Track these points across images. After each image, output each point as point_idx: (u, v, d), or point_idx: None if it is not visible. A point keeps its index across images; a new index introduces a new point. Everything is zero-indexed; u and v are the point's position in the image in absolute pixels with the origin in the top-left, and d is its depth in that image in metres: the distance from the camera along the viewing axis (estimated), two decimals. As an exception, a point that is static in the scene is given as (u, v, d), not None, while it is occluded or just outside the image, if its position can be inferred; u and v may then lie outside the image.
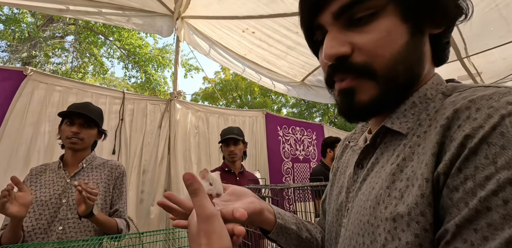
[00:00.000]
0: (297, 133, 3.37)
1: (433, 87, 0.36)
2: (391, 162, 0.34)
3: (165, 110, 2.31)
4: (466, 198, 0.25)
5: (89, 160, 1.21)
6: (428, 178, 0.28)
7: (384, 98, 0.34)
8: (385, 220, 0.31)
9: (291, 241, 0.47)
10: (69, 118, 1.15)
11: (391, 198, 0.32)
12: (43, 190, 1.09)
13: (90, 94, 2.00)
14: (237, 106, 14.21)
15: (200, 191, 0.33)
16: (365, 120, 0.39)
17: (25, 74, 1.77)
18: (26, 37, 7.64)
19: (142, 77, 9.46)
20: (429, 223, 0.27)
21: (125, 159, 2.03)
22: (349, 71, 0.34)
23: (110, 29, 8.49)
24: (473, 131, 0.26)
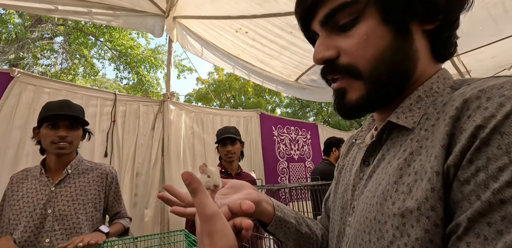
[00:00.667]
0: (291, 133, 3.37)
1: (439, 80, 0.36)
2: (398, 157, 0.34)
3: (158, 111, 2.28)
4: (478, 191, 0.24)
5: (74, 165, 1.12)
6: (439, 171, 0.27)
7: (372, 96, 0.36)
8: (393, 216, 0.30)
9: (290, 235, 0.46)
10: (51, 121, 1.04)
11: (398, 193, 0.31)
12: (25, 199, 1.01)
13: (80, 95, 1.95)
14: (231, 107, 14.17)
15: (200, 190, 0.32)
16: (358, 117, 0.39)
17: (12, 76, 1.71)
18: (14, 38, 7.45)
19: (134, 79, 9.33)
20: (440, 218, 0.27)
21: (118, 162, 1.99)
22: (336, 72, 0.37)
23: (101, 29, 8.35)
24: (485, 121, 0.25)
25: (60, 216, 1.01)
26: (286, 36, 2.49)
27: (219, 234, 0.30)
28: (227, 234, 0.30)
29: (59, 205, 1.03)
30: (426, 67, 0.36)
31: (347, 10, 0.34)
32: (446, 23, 0.35)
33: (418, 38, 0.35)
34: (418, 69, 0.36)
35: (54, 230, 0.99)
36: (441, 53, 0.37)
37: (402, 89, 0.36)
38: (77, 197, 1.06)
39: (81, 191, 1.08)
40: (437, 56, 0.37)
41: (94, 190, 1.11)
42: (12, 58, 6.92)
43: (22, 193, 1.03)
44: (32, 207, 1.00)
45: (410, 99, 0.36)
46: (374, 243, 0.32)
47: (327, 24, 0.36)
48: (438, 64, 0.38)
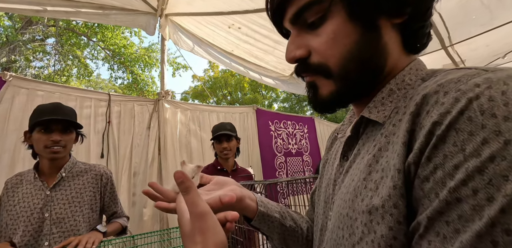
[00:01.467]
0: (288, 127, 3.38)
1: (411, 72, 0.35)
2: (369, 152, 0.34)
3: (153, 110, 2.28)
4: (437, 189, 0.24)
5: (68, 167, 1.11)
6: (400, 168, 0.28)
7: (342, 92, 0.36)
8: (362, 213, 0.31)
9: (274, 229, 0.48)
10: (43, 125, 1.02)
11: (367, 190, 0.31)
12: (22, 204, 1.01)
13: (74, 97, 1.94)
14: (228, 103, 14.14)
15: (192, 189, 0.33)
16: (332, 111, 0.39)
17: (4, 79, 1.70)
18: (4, 41, 7.34)
19: (128, 78, 9.25)
20: (403, 215, 0.27)
21: (114, 162, 1.99)
22: (308, 71, 0.37)
23: (93, 29, 8.24)
24: (441, 117, 0.25)
25: (57, 219, 1.01)
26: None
27: (211, 231, 0.31)
28: (218, 231, 0.32)
29: (55, 208, 1.03)
30: (398, 60, 0.36)
31: (314, 8, 0.34)
32: (416, 15, 0.35)
33: (387, 32, 0.35)
34: (389, 62, 0.35)
35: (52, 233, 1.00)
36: (413, 45, 0.37)
37: (374, 84, 0.36)
38: (73, 200, 1.06)
39: (76, 194, 1.08)
40: (409, 48, 0.37)
41: (89, 191, 1.11)
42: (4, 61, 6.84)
43: (18, 198, 1.03)
44: (29, 211, 1.00)
45: (382, 93, 0.36)
46: (346, 239, 0.33)
47: (296, 22, 0.37)
48: (411, 56, 0.38)
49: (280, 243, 0.50)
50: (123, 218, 1.20)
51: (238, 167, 1.81)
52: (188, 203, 0.33)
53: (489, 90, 0.23)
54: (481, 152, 0.22)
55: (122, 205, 1.26)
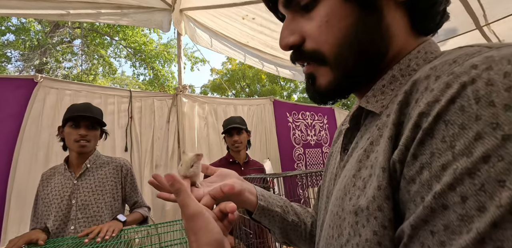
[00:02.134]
0: (307, 118, 3.33)
1: (419, 56, 0.30)
2: (361, 146, 0.31)
3: (172, 105, 2.35)
4: (423, 192, 0.21)
5: (92, 159, 1.23)
6: (385, 166, 0.24)
7: (340, 81, 0.33)
8: (349, 213, 0.28)
9: (274, 223, 0.47)
10: (74, 121, 1.16)
11: (355, 189, 0.29)
12: (54, 192, 1.15)
13: (98, 95, 2.05)
14: (246, 95, 14.15)
15: (182, 191, 0.33)
16: (330, 102, 0.36)
17: (36, 81, 1.83)
18: (36, 45, 7.87)
19: (150, 74, 9.57)
20: (388, 218, 0.24)
21: (137, 155, 2.10)
22: (302, 58, 0.35)
23: (115, 29, 8.55)
24: (428, 107, 0.21)
25: (82, 205, 1.13)
26: (293, 18, 2.40)
27: (203, 231, 0.32)
28: (210, 230, 0.33)
29: (81, 196, 1.15)
30: (405, 43, 0.32)
31: None
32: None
33: (390, 12, 0.30)
34: (394, 46, 0.31)
35: (77, 218, 1.12)
36: (423, 25, 0.32)
37: (375, 71, 0.33)
38: (96, 188, 1.18)
39: (99, 183, 1.19)
40: (419, 29, 0.32)
41: (111, 181, 1.22)
42: (37, 63, 7.36)
43: (50, 188, 1.17)
44: (59, 199, 1.13)
45: (383, 80, 0.32)
46: (335, 239, 0.31)
47: (289, 5, 0.34)
48: (421, 37, 0.33)
49: (282, 237, 0.50)
50: (144, 208, 1.29)
51: (250, 159, 1.84)
52: (180, 204, 0.34)
53: (488, 72, 0.19)
54: (473, 150, 0.18)
55: (146, 196, 1.35)
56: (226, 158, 1.78)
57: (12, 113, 1.74)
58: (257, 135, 2.82)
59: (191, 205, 0.33)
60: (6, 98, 1.74)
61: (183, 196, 0.33)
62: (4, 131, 1.68)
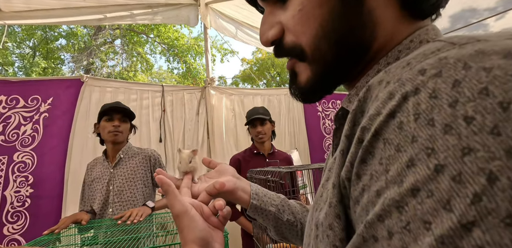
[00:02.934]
0: (337, 107, 3.21)
1: (411, 46, 0.25)
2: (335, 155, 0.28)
3: (200, 97, 2.45)
4: (362, 217, 0.18)
5: (125, 151, 1.38)
6: (335, 183, 0.22)
7: (319, 77, 0.29)
8: (314, 225, 0.27)
9: (268, 222, 0.48)
10: (108, 115, 1.31)
11: (322, 200, 0.27)
12: (97, 180, 1.32)
13: (135, 91, 2.23)
14: (277, 84, 14.00)
15: (169, 191, 0.37)
16: (315, 100, 0.32)
17: (82, 81, 2.06)
18: (83, 47, 8.68)
19: (183, 68, 9.98)
20: (339, 238, 0.22)
21: (171, 145, 2.26)
22: (283, 54, 0.31)
23: (149, 27, 9.01)
24: (369, 121, 0.19)
25: (118, 191, 1.29)
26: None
27: (187, 228, 0.35)
28: (194, 228, 0.35)
29: (116, 182, 1.31)
30: (395, 29, 0.26)
31: None
32: None
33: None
34: (381, 34, 0.26)
35: (114, 202, 1.28)
36: (415, 6, 0.26)
37: (359, 63, 0.28)
38: (129, 176, 1.32)
39: (131, 171, 1.34)
40: (412, 12, 0.26)
41: (141, 170, 1.36)
42: (85, 64, 8.15)
43: (93, 176, 1.35)
44: (101, 185, 1.30)
45: (368, 76, 0.28)
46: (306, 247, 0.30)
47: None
48: (418, 22, 0.27)
49: (277, 234, 0.50)
50: None
51: (275, 150, 1.80)
52: (168, 204, 0.37)
53: (435, 79, 0.16)
54: (404, 179, 0.15)
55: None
56: (250, 149, 1.77)
57: (65, 110, 1.99)
58: (286, 125, 2.82)
59: (176, 205, 0.36)
60: (59, 96, 1.99)
61: (170, 197, 0.37)
62: (60, 126, 1.94)
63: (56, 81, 2.04)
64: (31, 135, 1.88)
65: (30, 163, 1.82)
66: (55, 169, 1.86)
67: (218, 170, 0.48)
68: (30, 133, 1.87)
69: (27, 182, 1.78)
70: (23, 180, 1.77)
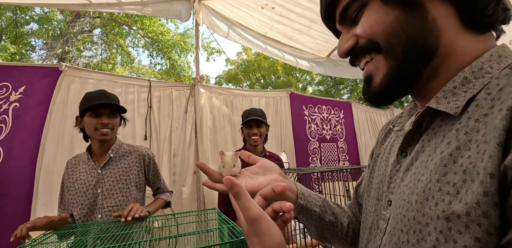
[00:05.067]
0: (323, 112, 3.27)
1: (492, 59, 0.31)
2: (440, 150, 0.31)
3: (189, 95, 2.37)
4: None
5: (115, 149, 1.22)
6: (493, 173, 0.24)
7: (393, 75, 0.34)
8: (436, 219, 0.28)
9: (311, 222, 0.48)
10: (93, 110, 1.12)
11: (443, 194, 0.28)
12: (79, 181, 1.15)
13: (119, 84, 2.10)
14: (261, 87, 14.07)
15: (242, 194, 0.33)
16: (388, 103, 0.37)
17: (60, 70, 1.89)
18: (59, 34, 8.09)
19: (166, 64, 9.66)
20: (494, 225, 0.24)
21: (156, 144, 2.15)
22: (359, 53, 0.37)
23: (133, 18, 8.63)
24: None
25: (108, 194, 1.14)
26: (315, 8, 2.32)
27: (266, 233, 0.32)
28: (273, 233, 0.33)
29: (106, 185, 1.15)
30: (458, 39, 0.32)
31: (354, 5, 0.36)
32: None
33: (435, 6, 0.31)
34: (444, 41, 0.32)
35: (103, 207, 1.13)
36: (472, 18, 0.31)
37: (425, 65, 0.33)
38: (121, 178, 1.18)
39: (123, 172, 1.19)
40: (469, 23, 0.32)
41: (134, 170, 1.22)
42: (59, 52, 7.60)
43: (76, 176, 1.17)
44: (85, 187, 1.14)
45: (455, 82, 0.32)
46: (413, 244, 0.30)
47: (343, 21, 0.39)
48: (480, 35, 0.32)
49: (318, 235, 0.50)
50: (166, 193, 1.32)
51: (267, 153, 1.76)
52: (240, 208, 0.33)
53: None
54: None
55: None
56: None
57: (39, 100, 1.81)
58: (273, 128, 2.81)
59: (252, 209, 0.33)
60: (34, 85, 1.81)
61: (244, 199, 0.33)
62: (33, 117, 1.77)
63: (30, 68, 1.86)
64: (-3, 126, 1.69)
65: (-5, 157, 1.63)
66: (25, 165, 1.68)
67: (261, 167, 0.45)
68: (-4, 124, 1.69)
69: (-10, 178, 1.59)
70: (-15, 176, 1.59)
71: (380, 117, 3.89)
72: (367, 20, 0.35)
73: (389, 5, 0.33)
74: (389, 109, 4.10)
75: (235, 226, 0.76)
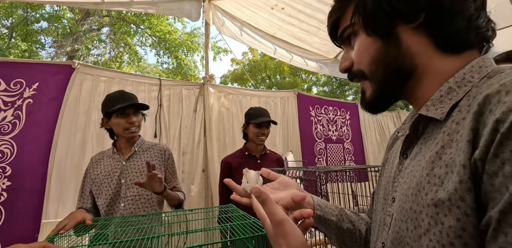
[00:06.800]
0: (329, 113, 3.27)
1: (473, 70, 0.36)
2: (430, 150, 0.36)
3: (199, 94, 2.38)
4: (507, 183, 0.25)
5: (139, 144, 1.32)
6: (465, 164, 0.29)
7: (378, 92, 0.42)
8: (427, 206, 0.33)
9: (330, 230, 0.53)
10: (120, 111, 1.21)
11: (431, 185, 0.33)
12: (104, 173, 1.22)
13: (130, 82, 2.12)
14: (267, 87, 14.07)
15: (268, 200, 0.39)
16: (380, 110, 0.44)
17: (73, 67, 1.92)
18: (68, 32, 8.20)
19: (173, 63, 9.72)
20: (470, 207, 0.29)
21: (166, 142, 2.17)
22: (353, 77, 0.45)
23: (141, 17, 8.70)
24: (503, 115, 0.27)
25: (131, 185, 1.20)
26: (325, 8, 2.32)
27: (290, 234, 0.38)
28: (296, 234, 0.38)
29: (129, 176, 1.22)
30: (433, 60, 0.38)
31: (347, 31, 0.44)
32: (434, 15, 0.36)
33: (408, 36, 0.38)
34: (420, 63, 0.38)
35: (126, 196, 1.19)
36: (449, 42, 0.37)
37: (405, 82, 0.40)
38: (143, 169, 1.24)
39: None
40: (446, 48, 0.37)
41: (156, 163, 1.29)
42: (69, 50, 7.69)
43: (100, 169, 1.24)
44: (109, 178, 1.21)
45: (441, 91, 0.37)
46: (411, 231, 0.35)
47: (343, 42, 0.47)
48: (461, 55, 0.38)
49: (338, 242, 0.54)
50: (180, 192, 1.36)
51: (267, 151, 1.79)
52: (267, 212, 0.39)
53: None
54: None
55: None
56: (242, 150, 1.74)
57: (52, 97, 1.84)
58: (280, 128, 2.82)
59: (278, 213, 0.38)
60: (47, 82, 1.84)
61: (270, 205, 0.39)
62: (46, 113, 1.80)
63: (43, 65, 1.89)
64: (12, 122, 1.72)
65: (9, 152, 1.66)
66: (38, 161, 1.71)
67: (281, 182, 0.52)
68: (11, 120, 1.72)
69: (4, 173, 1.62)
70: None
71: (386, 119, 3.87)
72: (356, 48, 0.43)
73: (371, 37, 0.40)
74: (395, 111, 4.07)
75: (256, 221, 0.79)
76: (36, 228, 1.62)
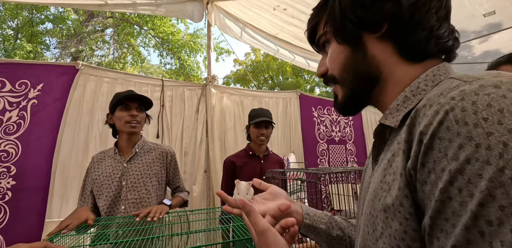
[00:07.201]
0: (332, 114, 3.26)
1: (427, 79, 0.37)
2: (386, 157, 0.38)
3: (201, 95, 2.39)
4: (433, 190, 0.27)
5: (140, 145, 1.30)
6: (402, 173, 0.32)
7: (348, 96, 0.45)
8: (380, 211, 0.35)
9: (320, 238, 0.54)
10: (123, 104, 1.21)
11: (382, 191, 0.36)
12: (105, 174, 1.21)
13: (133, 83, 2.14)
14: (269, 88, 14.07)
15: (252, 211, 0.41)
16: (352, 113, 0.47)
17: (77, 68, 1.94)
18: (72, 34, 8.28)
19: (176, 64, 9.76)
20: (408, 212, 0.31)
21: (168, 142, 2.19)
22: (327, 82, 0.48)
23: (144, 19, 8.76)
24: (425, 128, 0.29)
25: (132, 187, 1.19)
26: (327, 10, 2.32)
27: (273, 243, 0.40)
28: (278, 243, 0.40)
29: (130, 178, 1.21)
30: (396, 69, 0.40)
31: (322, 39, 0.46)
32: (396, 25, 0.38)
33: (374, 45, 0.40)
34: (385, 70, 0.40)
35: (127, 199, 1.18)
36: (410, 51, 0.39)
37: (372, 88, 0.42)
38: (144, 172, 1.24)
39: (147, 167, 1.25)
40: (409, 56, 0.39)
41: (157, 166, 1.28)
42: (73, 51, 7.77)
43: (101, 169, 1.23)
44: (110, 180, 1.19)
45: (398, 100, 0.39)
46: (371, 234, 0.37)
47: (319, 49, 0.49)
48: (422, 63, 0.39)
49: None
50: (184, 192, 1.37)
51: (270, 152, 1.83)
52: (251, 222, 0.41)
53: (461, 102, 0.27)
54: (459, 155, 0.25)
55: (177, 182, 1.41)
56: (246, 150, 1.76)
57: (56, 97, 1.86)
58: (282, 129, 2.82)
59: (260, 223, 0.40)
60: (51, 83, 1.86)
61: (253, 216, 0.41)
62: (50, 114, 1.82)
63: (48, 66, 1.91)
64: (17, 122, 1.74)
65: (14, 152, 1.68)
66: (42, 161, 1.74)
67: (271, 193, 0.54)
68: (16, 120, 1.74)
69: (9, 173, 1.65)
70: (4, 170, 1.64)
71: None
72: (329, 55, 0.45)
73: (341, 45, 0.43)
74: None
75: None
76: (40, 227, 1.64)
